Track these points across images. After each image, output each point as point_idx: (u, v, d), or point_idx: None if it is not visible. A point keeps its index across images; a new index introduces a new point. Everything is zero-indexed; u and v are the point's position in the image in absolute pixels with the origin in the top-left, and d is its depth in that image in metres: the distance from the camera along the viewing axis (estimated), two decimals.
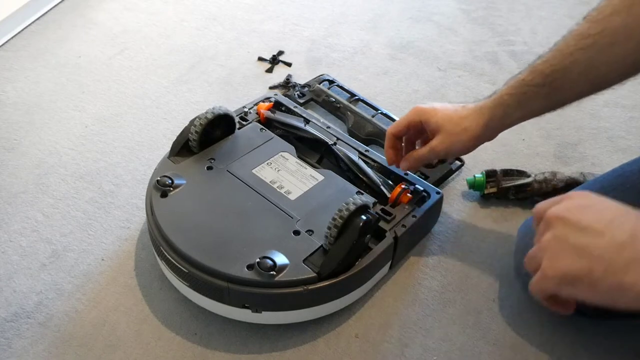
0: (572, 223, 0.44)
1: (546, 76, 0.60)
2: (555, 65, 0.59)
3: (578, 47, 0.57)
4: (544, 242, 0.45)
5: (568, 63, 0.58)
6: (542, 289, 0.45)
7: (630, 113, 1.03)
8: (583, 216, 0.44)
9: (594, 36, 0.56)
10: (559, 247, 0.44)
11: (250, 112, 0.87)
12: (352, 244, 0.62)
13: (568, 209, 0.45)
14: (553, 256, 0.44)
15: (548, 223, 0.46)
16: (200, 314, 0.69)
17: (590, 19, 0.57)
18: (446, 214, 0.83)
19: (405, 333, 0.69)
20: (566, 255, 0.43)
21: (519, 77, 0.62)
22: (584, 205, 0.45)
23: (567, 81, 0.59)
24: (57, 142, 0.92)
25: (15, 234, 0.78)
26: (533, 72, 0.61)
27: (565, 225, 0.44)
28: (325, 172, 0.77)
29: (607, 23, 0.55)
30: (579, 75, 0.58)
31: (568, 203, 0.46)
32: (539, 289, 0.46)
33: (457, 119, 0.66)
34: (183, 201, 0.70)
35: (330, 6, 1.30)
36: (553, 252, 0.44)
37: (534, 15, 1.28)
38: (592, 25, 0.56)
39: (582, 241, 0.43)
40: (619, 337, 0.69)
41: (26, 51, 1.12)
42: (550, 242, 0.45)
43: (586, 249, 0.42)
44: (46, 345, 0.66)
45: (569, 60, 0.58)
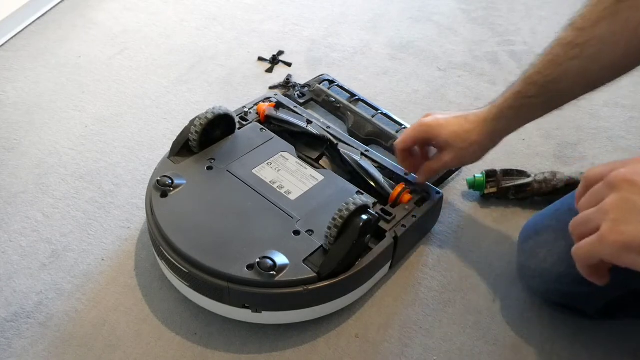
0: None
1: (540, 87, 0.61)
2: (548, 76, 0.60)
3: (568, 57, 0.58)
4: (607, 205, 0.42)
5: (560, 73, 0.59)
6: (593, 254, 0.43)
7: (630, 113, 1.03)
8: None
9: (582, 46, 0.56)
10: (627, 210, 0.41)
11: (250, 112, 0.87)
12: (352, 244, 0.62)
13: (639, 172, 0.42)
14: (618, 220, 0.41)
15: (613, 185, 0.42)
16: (200, 314, 0.69)
17: (576, 27, 0.57)
18: (446, 214, 0.83)
19: (405, 333, 0.69)
20: (636, 220, 0.40)
21: (516, 90, 0.63)
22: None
23: (561, 89, 0.60)
24: (57, 142, 0.92)
25: (15, 234, 0.78)
26: (528, 84, 0.62)
27: (636, 188, 0.41)
28: (325, 172, 0.77)
29: (593, 32, 0.55)
30: (573, 83, 0.60)
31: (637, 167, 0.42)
32: (590, 254, 0.43)
33: (464, 134, 0.68)
34: (183, 201, 0.70)
35: (330, 6, 1.30)
36: (619, 216, 0.41)
37: (534, 15, 1.28)
38: (579, 34, 0.56)
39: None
40: (619, 338, 0.69)
41: (26, 51, 1.12)
42: (616, 205, 0.41)
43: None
44: (46, 345, 0.66)
45: (561, 70, 0.59)
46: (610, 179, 0.43)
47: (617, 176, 0.42)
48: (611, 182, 0.43)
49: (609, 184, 0.43)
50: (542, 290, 0.71)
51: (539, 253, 0.68)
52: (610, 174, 0.43)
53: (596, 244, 0.42)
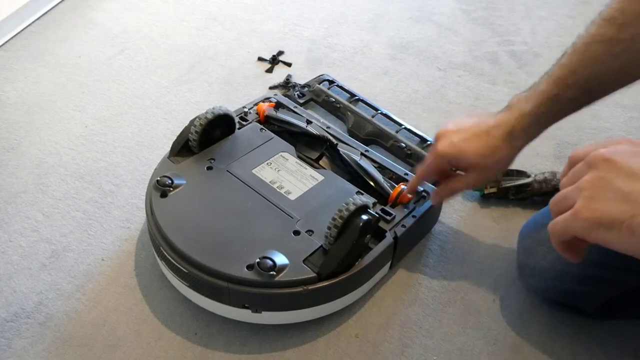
0: (619, 166, 0.42)
1: (580, 88, 0.58)
2: (588, 75, 0.57)
3: (611, 54, 0.55)
4: (583, 182, 0.43)
5: (603, 71, 0.56)
6: (567, 229, 0.43)
7: (630, 113, 1.03)
8: (632, 161, 0.42)
9: (626, 42, 0.54)
10: (601, 188, 0.42)
11: (250, 112, 0.87)
12: (352, 244, 0.62)
13: (617, 153, 0.43)
14: (592, 197, 0.42)
15: (591, 164, 0.43)
16: (200, 314, 0.69)
17: (617, 22, 0.54)
18: (446, 214, 0.83)
19: (405, 333, 0.69)
20: (607, 198, 0.41)
21: (552, 94, 0.59)
22: (635, 152, 0.43)
23: (603, 88, 0.58)
24: (57, 142, 0.92)
25: (15, 234, 0.78)
26: (566, 85, 0.58)
27: (612, 167, 0.42)
28: (325, 172, 0.77)
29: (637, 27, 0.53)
30: (615, 79, 0.57)
31: (617, 147, 0.43)
32: (564, 229, 0.44)
33: (490, 153, 0.62)
34: (183, 201, 0.70)
35: (330, 6, 1.30)
36: (593, 193, 0.42)
37: (534, 15, 1.28)
38: (622, 29, 0.54)
39: (629, 186, 0.41)
40: (619, 337, 0.69)
41: (26, 51, 1.12)
42: (591, 183, 0.42)
43: (631, 194, 0.40)
44: (46, 345, 0.66)
45: (604, 68, 0.56)
46: (589, 158, 0.44)
47: (595, 155, 0.43)
48: (589, 161, 0.44)
49: (588, 163, 0.44)
50: (541, 289, 0.71)
51: (538, 251, 0.68)
52: (591, 154, 0.44)
53: (570, 219, 0.43)
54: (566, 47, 0.60)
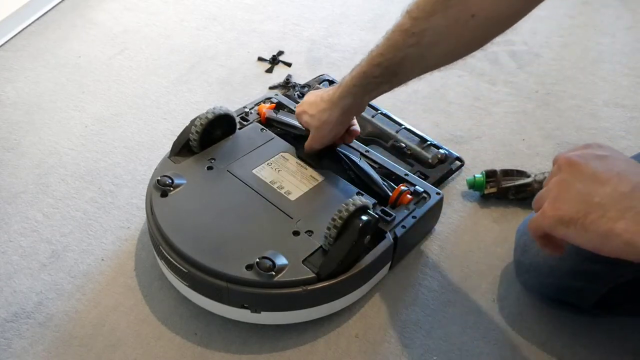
0: (580, 170, 0.45)
1: (384, 69, 0.65)
2: (390, 59, 0.63)
3: (406, 44, 0.61)
4: (551, 184, 0.47)
5: (400, 58, 0.63)
6: (538, 227, 0.47)
7: (630, 113, 1.03)
8: (593, 165, 0.45)
9: (418, 35, 0.60)
10: (563, 190, 0.45)
11: (251, 113, 0.87)
12: (352, 244, 0.62)
13: (581, 156, 0.46)
14: (556, 197, 0.46)
15: (559, 167, 0.47)
16: (200, 314, 0.69)
17: (412, 16, 0.60)
18: (446, 214, 0.83)
19: (405, 333, 0.69)
20: (569, 198, 0.45)
21: (362, 70, 0.67)
22: (598, 155, 0.46)
23: (403, 71, 0.65)
24: (57, 142, 0.92)
25: (15, 234, 0.78)
26: (372, 64, 0.65)
27: (574, 170, 0.46)
28: (325, 172, 0.77)
29: (428, 23, 0.59)
30: (412, 66, 0.64)
31: (583, 151, 0.47)
32: (536, 226, 0.47)
33: (318, 115, 0.74)
34: (183, 201, 0.70)
35: (330, 6, 1.30)
36: (556, 194, 0.46)
37: (534, 15, 1.27)
38: (415, 23, 0.60)
39: (586, 188, 0.44)
40: (618, 337, 0.69)
41: (26, 51, 1.12)
42: (557, 184, 0.46)
43: (588, 195, 0.44)
44: (46, 345, 0.66)
45: (401, 56, 0.62)
46: (558, 160, 0.48)
47: (562, 159, 0.47)
48: (558, 164, 0.48)
49: (557, 165, 0.48)
50: (536, 285, 0.71)
51: (532, 248, 0.68)
52: (560, 156, 0.48)
53: (539, 217, 0.47)
54: (566, 47, 0.60)
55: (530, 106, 1.04)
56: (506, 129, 0.99)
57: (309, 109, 0.75)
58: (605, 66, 1.14)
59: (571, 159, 0.46)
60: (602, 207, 0.43)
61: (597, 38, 1.21)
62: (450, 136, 0.96)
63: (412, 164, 0.88)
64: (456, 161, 0.90)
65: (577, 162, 0.46)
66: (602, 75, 1.11)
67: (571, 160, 0.46)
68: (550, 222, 0.45)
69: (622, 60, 1.15)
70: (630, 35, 1.22)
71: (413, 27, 0.60)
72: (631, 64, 1.14)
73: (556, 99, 1.05)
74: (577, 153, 0.47)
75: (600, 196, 0.43)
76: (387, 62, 0.64)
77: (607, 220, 0.42)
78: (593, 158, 0.46)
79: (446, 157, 0.89)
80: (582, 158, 0.46)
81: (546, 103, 1.04)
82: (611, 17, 1.27)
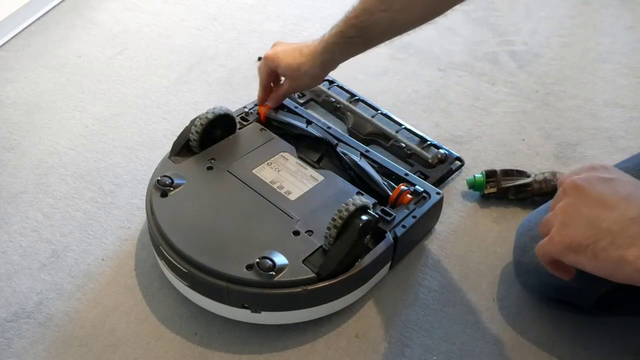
0: (587, 194, 0.45)
1: (358, 30, 0.71)
2: (363, 22, 0.70)
3: (379, 9, 0.68)
4: (558, 209, 0.46)
5: (373, 20, 0.69)
6: (547, 252, 0.47)
7: (630, 113, 1.03)
8: (599, 188, 0.45)
9: (389, 2, 0.67)
10: (570, 215, 0.45)
11: (251, 112, 0.87)
12: (352, 244, 0.62)
13: (586, 180, 0.46)
14: (564, 223, 0.45)
15: (565, 191, 0.47)
16: (200, 314, 0.69)
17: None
18: (446, 214, 0.83)
19: (405, 333, 0.69)
20: (576, 223, 0.44)
21: (339, 30, 0.73)
22: (603, 178, 0.46)
23: (376, 33, 0.71)
24: (57, 142, 0.93)
25: (15, 234, 0.78)
26: (348, 25, 0.71)
27: (580, 195, 0.45)
28: (325, 172, 0.77)
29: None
30: (384, 28, 0.70)
31: (589, 174, 0.47)
32: (545, 252, 0.47)
33: (297, 66, 0.78)
34: (183, 201, 0.70)
35: (330, 6, 1.30)
36: (564, 219, 0.45)
37: (534, 15, 1.28)
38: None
39: (593, 213, 0.43)
40: (618, 337, 0.69)
41: (26, 51, 1.12)
42: (563, 210, 0.46)
43: (596, 220, 0.43)
44: (46, 345, 0.66)
45: (374, 19, 0.69)
46: (564, 184, 0.47)
47: (567, 183, 0.47)
48: (564, 188, 0.47)
49: (563, 190, 0.47)
50: (536, 286, 0.71)
51: (532, 248, 0.68)
52: (565, 180, 0.47)
53: (547, 244, 0.46)
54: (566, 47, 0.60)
55: (530, 106, 1.04)
56: (506, 129, 0.99)
57: (284, 58, 0.78)
58: (605, 66, 1.14)
59: (576, 182, 0.46)
60: (611, 233, 0.42)
61: (597, 38, 1.21)
62: (450, 136, 0.96)
63: (412, 164, 0.88)
64: (456, 161, 0.90)
65: (583, 186, 0.45)
66: (602, 75, 1.11)
67: (576, 184, 0.46)
68: (559, 249, 0.45)
69: (622, 60, 1.15)
70: (630, 35, 1.22)
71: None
72: (631, 64, 1.14)
73: (556, 99, 1.05)
74: (582, 176, 0.46)
75: (608, 222, 0.42)
76: (361, 24, 0.70)
77: (617, 247, 0.41)
78: (599, 181, 0.45)
79: (446, 157, 0.89)
80: (588, 181, 0.45)
81: (546, 103, 1.04)
82: (611, 17, 1.27)
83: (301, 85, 0.84)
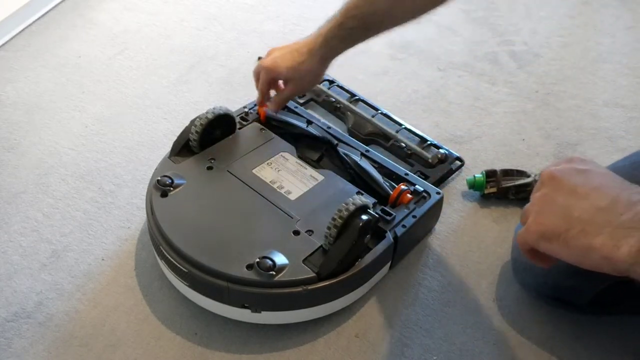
0: (561, 184, 0.46)
1: (358, 20, 0.72)
2: (364, 12, 0.71)
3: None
4: (534, 198, 0.48)
5: (373, 10, 0.70)
6: (524, 241, 0.48)
7: (630, 113, 1.03)
8: (573, 179, 0.46)
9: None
10: (545, 204, 0.46)
11: (250, 112, 0.87)
12: (352, 244, 0.62)
13: (562, 171, 0.47)
14: (539, 212, 0.46)
15: (542, 181, 0.48)
16: (200, 314, 0.69)
17: None
18: (446, 214, 0.83)
19: (405, 333, 0.69)
20: (550, 213, 0.45)
21: (338, 22, 0.73)
22: (579, 170, 0.47)
23: (375, 22, 0.72)
24: (57, 142, 0.93)
25: (16, 234, 0.78)
26: (348, 17, 0.72)
27: (555, 185, 0.46)
28: (325, 172, 0.77)
29: None
30: (383, 17, 0.72)
31: (565, 166, 0.48)
32: (522, 241, 0.48)
33: (297, 66, 0.78)
34: (183, 201, 0.70)
35: (330, 6, 1.29)
36: (539, 209, 0.46)
37: (534, 15, 1.28)
38: None
39: (566, 202, 0.45)
40: (618, 337, 0.69)
41: (26, 51, 1.12)
42: (539, 199, 0.47)
43: (567, 209, 0.44)
44: (46, 345, 0.66)
45: (374, 8, 0.70)
46: (542, 175, 0.48)
47: (545, 174, 0.48)
48: (541, 179, 0.48)
49: (540, 180, 0.48)
50: (533, 284, 0.71)
51: None
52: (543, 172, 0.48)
53: (524, 232, 0.47)
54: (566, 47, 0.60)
55: (530, 106, 1.04)
56: (506, 129, 0.99)
57: (283, 63, 0.79)
58: (605, 66, 1.14)
59: (553, 173, 0.47)
60: (581, 222, 0.43)
61: (597, 38, 1.21)
62: (450, 136, 0.96)
63: (412, 164, 0.88)
64: (456, 161, 0.90)
65: (558, 176, 0.47)
66: (602, 75, 1.11)
67: (553, 174, 0.47)
68: (534, 237, 0.46)
69: (622, 60, 1.15)
70: (630, 35, 1.22)
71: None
72: (631, 64, 1.14)
73: (556, 99, 1.05)
74: (559, 168, 0.48)
75: (579, 211, 0.44)
76: (361, 14, 0.71)
77: (586, 235, 0.42)
78: (574, 172, 0.47)
79: (446, 157, 0.89)
80: (563, 172, 0.47)
81: (546, 103, 1.04)
82: (611, 17, 1.27)
83: (304, 85, 0.84)
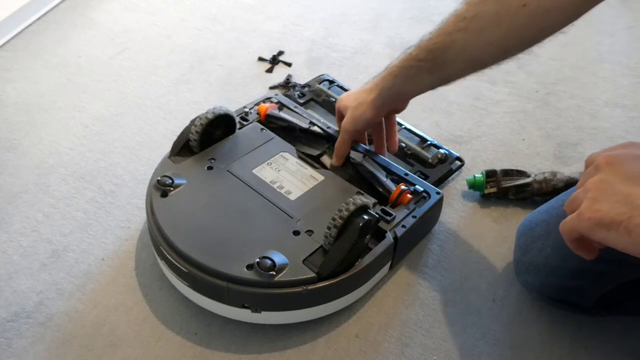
0: (621, 170, 0.44)
1: (429, 52, 0.63)
2: (437, 43, 0.62)
3: (456, 28, 0.60)
4: (589, 184, 0.45)
5: (448, 42, 0.61)
6: (574, 229, 0.46)
7: (630, 113, 1.03)
8: (633, 165, 0.44)
9: (468, 20, 0.59)
10: (603, 190, 0.44)
11: (250, 112, 0.87)
12: (352, 244, 0.62)
13: (619, 156, 0.45)
14: (595, 198, 0.44)
15: (597, 167, 0.46)
16: (200, 314, 0.69)
17: (469, 1, 0.59)
18: (446, 214, 0.83)
19: (405, 333, 0.69)
20: (608, 199, 0.43)
21: (409, 53, 0.67)
22: (637, 155, 0.45)
23: (447, 59, 0.63)
24: (57, 142, 0.93)
25: (16, 234, 0.78)
26: (419, 47, 0.65)
27: (614, 171, 0.44)
28: (325, 172, 0.77)
29: (480, 7, 0.58)
30: (457, 54, 0.62)
31: (622, 151, 0.46)
32: (571, 228, 0.46)
33: (356, 95, 0.75)
34: (183, 201, 0.70)
35: (330, 6, 1.30)
36: (596, 195, 0.44)
37: None
38: (469, 7, 0.59)
39: (627, 189, 0.43)
40: (618, 337, 0.69)
41: (26, 51, 1.12)
42: (595, 185, 0.45)
43: (629, 197, 0.42)
44: (46, 345, 0.66)
45: (449, 40, 0.61)
46: (596, 161, 0.47)
47: (600, 159, 0.46)
48: (596, 164, 0.46)
49: (595, 166, 0.47)
50: (537, 285, 0.71)
51: (533, 248, 0.68)
52: (598, 156, 0.47)
53: (575, 219, 0.45)
54: (566, 47, 0.60)
55: (530, 106, 1.04)
56: (506, 129, 0.99)
57: (350, 95, 0.77)
58: (605, 66, 1.14)
59: (611, 158, 0.45)
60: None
61: (597, 38, 1.21)
62: (450, 136, 0.96)
63: (412, 164, 0.88)
64: (456, 161, 0.90)
65: (617, 162, 0.45)
66: (602, 75, 1.11)
67: (611, 160, 0.45)
68: (589, 225, 0.44)
69: (622, 60, 1.15)
70: (630, 35, 1.22)
71: (465, 12, 0.59)
72: (631, 64, 1.14)
73: (556, 99, 1.06)
74: (615, 153, 0.46)
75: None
76: (433, 45, 0.63)
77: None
78: (633, 158, 0.45)
79: (446, 157, 0.89)
80: (622, 158, 0.45)
81: (546, 103, 1.04)
82: (611, 17, 1.27)
83: (356, 117, 0.74)
